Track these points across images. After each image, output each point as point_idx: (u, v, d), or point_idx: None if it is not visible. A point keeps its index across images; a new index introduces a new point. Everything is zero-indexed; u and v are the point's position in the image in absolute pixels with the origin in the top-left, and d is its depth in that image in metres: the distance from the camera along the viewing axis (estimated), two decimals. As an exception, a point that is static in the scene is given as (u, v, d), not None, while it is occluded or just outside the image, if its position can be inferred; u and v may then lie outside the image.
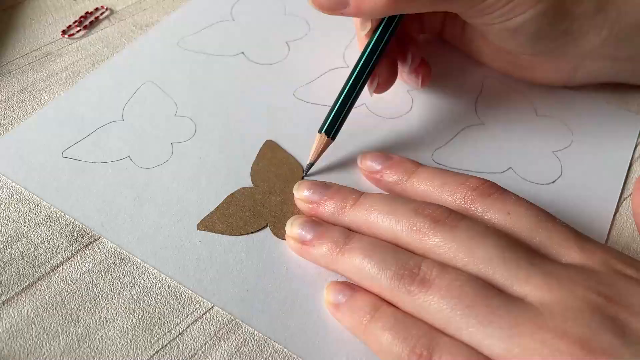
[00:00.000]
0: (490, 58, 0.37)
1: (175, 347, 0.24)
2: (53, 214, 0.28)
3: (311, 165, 0.31)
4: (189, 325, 0.25)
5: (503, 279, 0.22)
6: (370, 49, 0.31)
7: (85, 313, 0.25)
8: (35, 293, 0.25)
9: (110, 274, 0.26)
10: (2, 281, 0.26)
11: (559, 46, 0.32)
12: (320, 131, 0.30)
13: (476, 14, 0.30)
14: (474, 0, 0.29)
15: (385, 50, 0.31)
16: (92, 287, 0.26)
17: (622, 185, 0.31)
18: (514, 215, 0.24)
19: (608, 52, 0.32)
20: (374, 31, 0.31)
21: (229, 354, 0.24)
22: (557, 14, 0.30)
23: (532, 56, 0.34)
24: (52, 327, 0.24)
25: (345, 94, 0.30)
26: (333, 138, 0.30)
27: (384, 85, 0.33)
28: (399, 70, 0.35)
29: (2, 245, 0.27)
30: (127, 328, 0.25)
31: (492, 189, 0.26)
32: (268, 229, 0.28)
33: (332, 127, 0.30)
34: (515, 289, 0.21)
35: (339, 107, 0.30)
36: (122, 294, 0.26)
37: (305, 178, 0.30)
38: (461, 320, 0.21)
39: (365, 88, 0.32)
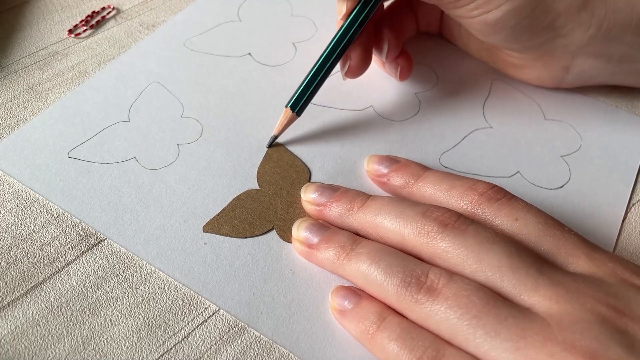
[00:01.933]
0: (486, 57, 0.37)
1: (181, 350, 0.24)
2: (58, 215, 0.28)
3: (275, 137, 0.32)
4: (194, 329, 0.25)
5: (511, 287, 0.21)
6: (343, 31, 0.31)
7: (90, 315, 0.25)
8: (40, 294, 0.25)
9: (116, 276, 0.26)
10: (7, 282, 0.26)
11: (544, 42, 0.31)
12: (286, 106, 0.31)
13: (452, 5, 0.30)
14: None
15: (358, 33, 0.31)
16: (98, 289, 0.26)
17: (630, 191, 0.31)
18: (521, 222, 0.24)
19: (598, 50, 0.32)
20: (349, 14, 0.31)
21: (235, 358, 0.24)
22: (536, 9, 0.30)
23: (520, 53, 0.33)
24: (57, 329, 0.24)
25: (313, 73, 0.31)
26: (298, 114, 0.31)
27: (356, 69, 0.33)
28: (380, 61, 0.35)
29: (7, 246, 0.27)
30: (133, 330, 0.24)
31: (500, 194, 0.25)
32: (274, 231, 0.28)
33: (298, 103, 0.31)
34: (523, 298, 0.21)
35: (305, 84, 0.31)
36: (128, 296, 0.26)
37: (312, 181, 0.30)
38: (468, 330, 0.20)
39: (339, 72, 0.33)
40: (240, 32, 0.39)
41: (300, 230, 0.27)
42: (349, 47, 0.32)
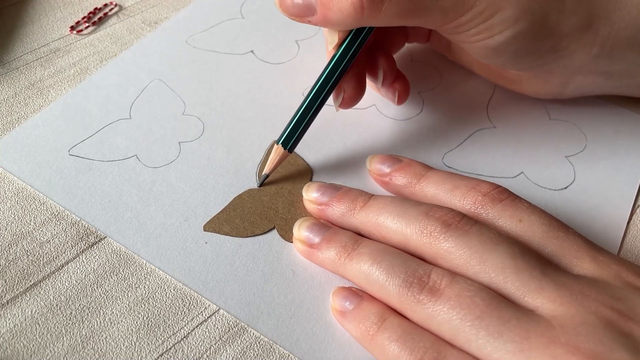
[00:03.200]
0: (479, 69, 0.36)
1: (180, 350, 0.24)
2: (59, 213, 0.28)
3: (266, 176, 0.30)
4: (194, 328, 0.24)
5: (515, 289, 0.21)
6: (335, 63, 0.29)
7: (89, 314, 0.25)
8: (39, 293, 0.25)
9: (116, 275, 0.26)
10: (7, 280, 0.25)
11: (546, 63, 0.30)
12: (277, 142, 0.29)
13: (452, 31, 0.29)
14: (448, 16, 0.27)
15: (350, 64, 0.30)
16: (97, 287, 0.25)
17: (636, 192, 0.31)
18: (525, 223, 0.24)
19: (600, 68, 0.31)
20: (341, 44, 0.29)
21: (234, 358, 0.24)
22: (539, 32, 0.28)
23: (519, 71, 0.32)
24: (56, 328, 0.24)
25: (305, 108, 0.29)
26: (290, 151, 0.29)
27: (350, 100, 0.31)
28: (375, 86, 0.34)
29: (7, 244, 0.27)
30: (132, 330, 0.24)
31: (504, 195, 0.25)
32: (275, 231, 0.28)
33: (289, 140, 0.29)
34: (526, 300, 0.21)
35: (297, 120, 0.29)
36: (127, 295, 0.25)
37: (314, 180, 0.30)
38: (470, 331, 0.20)
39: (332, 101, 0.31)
40: (243, 30, 0.39)
41: (301, 230, 0.27)
42: (342, 79, 0.30)
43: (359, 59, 0.31)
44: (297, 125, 0.29)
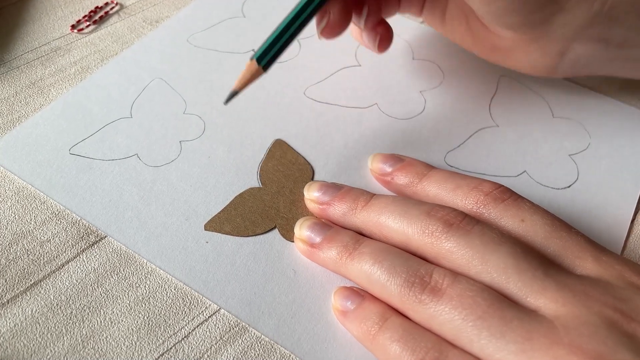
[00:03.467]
0: (472, 43, 0.34)
1: (181, 350, 0.24)
2: (59, 212, 0.28)
3: (235, 93, 0.27)
4: (194, 328, 0.24)
5: (517, 289, 0.21)
6: None
7: (90, 313, 0.25)
8: (40, 292, 0.25)
9: (116, 274, 0.26)
10: (7, 279, 0.25)
11: (545, 18, 0.29)
12: (252, 58, 0.27)
13: None
14: None
15: None
16: (98, 287, 0.25)
17: (639, 191, 0.30)
18: (528, 223, 0.24)
19: (598, 33, 0.29)
20: None
21: (235, 358, 0.24)
22: None
23: (515, 33, 0.30)
24: (56, 327, 0.24)
25: (286, 25, 0.27)
26: (265, 68, 0.27)
27: (335, 26, 0.29)
28: (358, 31, 0.33)
29: (7, 243, 0.27)
30: (132, 329, 0.24)
31: (506, 194, 0.25)
32: (276, 230, 0.28)
33: (265, 55, 0.27)
34: (529, 301, 0.21)
35: (277, 35, 0.27)
36: (128, 294, 0.25)
37: (315, 179, 0.30)
38: (472, 331, 0.20)
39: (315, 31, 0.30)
40: (245, 29, 0.39)
41: (302, 229, 0.26)
42: (328, 2, 0.28)
43: None
44: (275, 41, 0.27)
